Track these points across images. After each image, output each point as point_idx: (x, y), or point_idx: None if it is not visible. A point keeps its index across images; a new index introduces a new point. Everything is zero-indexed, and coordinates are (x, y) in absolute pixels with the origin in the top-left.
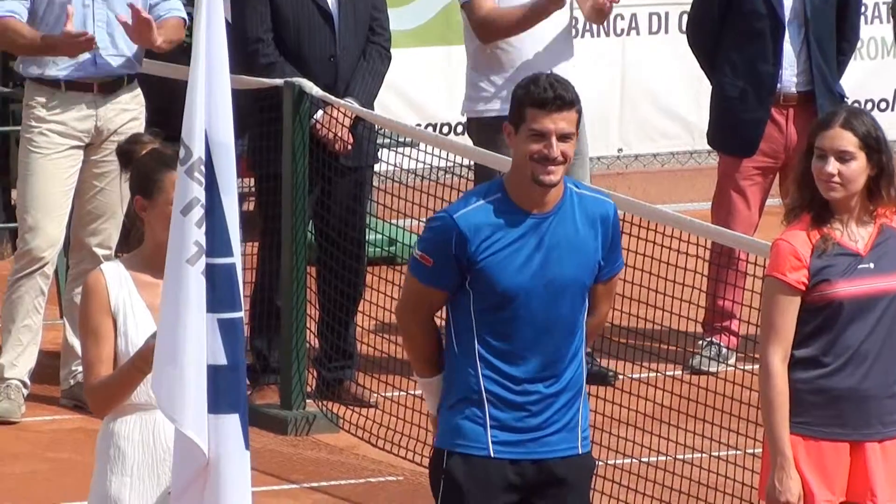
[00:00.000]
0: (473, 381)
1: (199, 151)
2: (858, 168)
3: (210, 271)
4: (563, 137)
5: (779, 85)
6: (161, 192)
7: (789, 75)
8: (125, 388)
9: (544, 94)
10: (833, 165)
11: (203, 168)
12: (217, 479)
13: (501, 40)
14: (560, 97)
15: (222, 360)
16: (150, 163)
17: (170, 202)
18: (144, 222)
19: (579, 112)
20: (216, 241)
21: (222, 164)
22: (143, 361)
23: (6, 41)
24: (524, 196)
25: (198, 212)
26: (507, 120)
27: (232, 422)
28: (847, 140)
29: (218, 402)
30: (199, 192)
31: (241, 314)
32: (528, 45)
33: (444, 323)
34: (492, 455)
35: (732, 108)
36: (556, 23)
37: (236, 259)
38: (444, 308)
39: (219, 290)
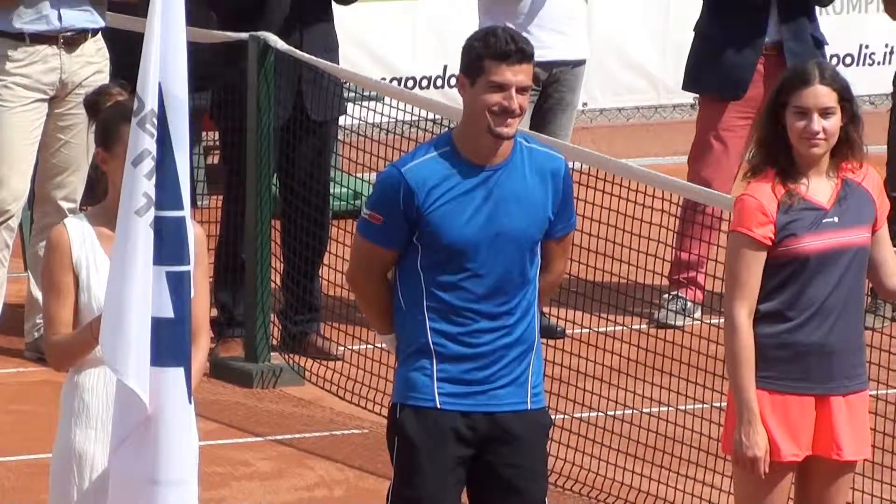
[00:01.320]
0: (422, 334)
1: (151, 104)
2: (838, 122)
3: (159, 224)
4: (521, 90)
5: (769, 32)
6: (120, 144)
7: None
8: (83, 350)
9: (506, 47)
10: (818, 123)
11: (155, 120)
12: (158, 432)
13: None
14: (521, 50)
15: (168, 312)
16: (111, 115)
17: None
18: (107, 175)
19: (534, 66)
20: (166, 193)
21: (176, 117)
22: (98, 329)
23: None
24: (474, 148)
25: (148, 164)
26: (461, 72)
27: (175, 375)
28: (829, 96)
29: (161, 354)
30: (150, 143)
31: (188, 268)
32: None
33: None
34: (438, 406)
35: (718, 47)
36: None
37: (186, 213)
38: None
39: (167, 242)
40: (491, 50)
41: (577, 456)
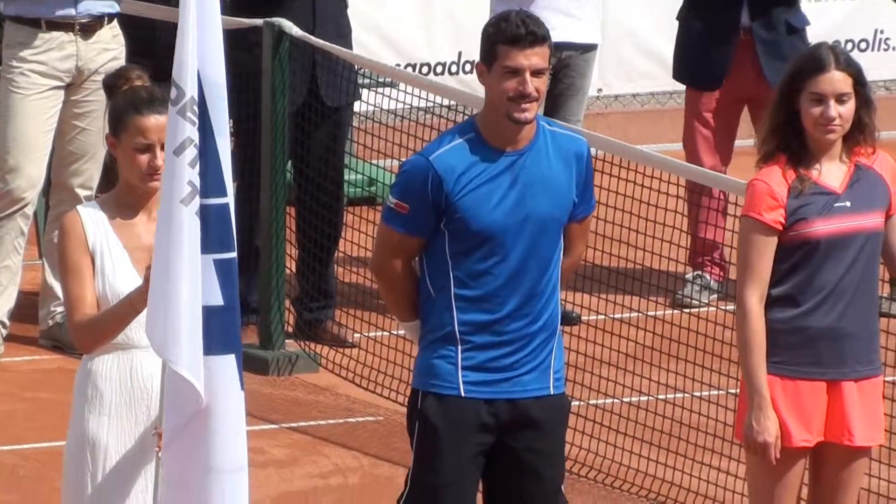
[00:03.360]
0: (448, 321)
1: (191, 91)
2: (853, 107)
3: (204, 211)
4: (536, 73)
5: (743, 19)
6: (126, 132)
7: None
8: (117, 326)
9: (517, 31)
10: (834, 108)
11: (196, 108)
12: (212, 420)
13: None
14: (532, 33)
15: (218, 300)
16: (122, 102)
17: (132, 145)
18: (117, 161)
19: (551, 48)
20: (210, 181)
21: (215, 103)
22: (140, 299)
23: None
24: (498, 134)
25: (191, 152)
26: (479, 59)
27: (227, 362)
28: (845, 81)
29: (213, 342)
30: (192, 131)
31: (234, 255)
32: None
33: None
34: (462, 394)
35: (696, 41)
36: None
37: (230, 199)
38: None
39: (213, 230)
40: (503, 35)
41: (592, 442)
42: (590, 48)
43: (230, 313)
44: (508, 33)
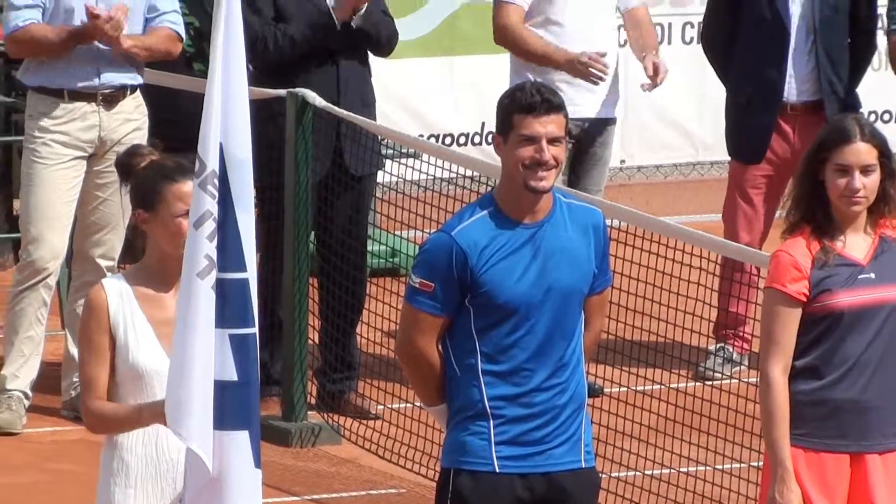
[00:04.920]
0: (477, 398)
1: (213, 164)
2: (878, 178)
3: (221, 286)
4: (552, 141)
5: (786, 93)
6: (163, 203)
7: (797, 84)
8: (124, 427)
9: (531, 99)
10: (859, 180)
11: (217, 182)
12: (224, 496)
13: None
14: (548, 101)
15: (232, 375)
16: (150, 175)
17: (173, 213)
18: (147, 235)
19: (566, 117)
20: (228, 255)
21: (238, 177)
22: (152, 415)
23: (34, 47)
24: (516, 206)
25: (209, 225)
26: (496, 131)
27: (240, 438)
28: (870, 153)
29: (225, 418)
30: (211, 205)
31: (253, 330)
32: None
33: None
34: (497, 470)
35: (739, 114)
36: (604, 28)
37: (250, 274)
38: None
39: (230, 304)
40: (517, 104)
41: None
42: (610, 121)
43: (245, 389)
44: (523, 102)
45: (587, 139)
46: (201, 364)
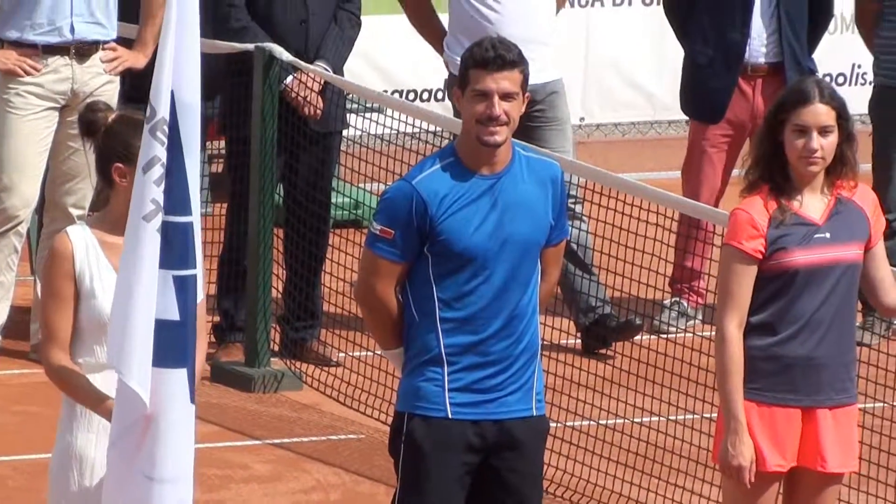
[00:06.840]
0: (434, 344)
1: (163, 111)
2: (835, 140)
3: (166, 229)
4: (505, 97)
5: (747, 55)
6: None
7: (758, 45)
8: (79, 399)
9: (486, 55)
10: (817, 141)
11: (166, 128)
12: (158, 430)
13: (484, 7)
14: (501, 56)
15: (174, 315)
16: (126, 129)
17: None
18: (120, 187)
19: (524, 74)
20: (174, 199)
21: (187, 124)
22: (102, 410)
23: None
24: (474, 158)
25: (157, 170)
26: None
27: (178, 376)
28: (828, 115)
29: (165, 356)
30: (160, 151)
31: (195, 272)
32: (510, 17)
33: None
34: (450, 416)
35: (701, 75)
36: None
37: (195, 218)
38: None
39: (174, 247)
40: (473, 58)
41: (569, 464)
42: (550, 85)
43: (183, 329)
44: (478, 57)
45: (533, 106)
46: (144, 304)
